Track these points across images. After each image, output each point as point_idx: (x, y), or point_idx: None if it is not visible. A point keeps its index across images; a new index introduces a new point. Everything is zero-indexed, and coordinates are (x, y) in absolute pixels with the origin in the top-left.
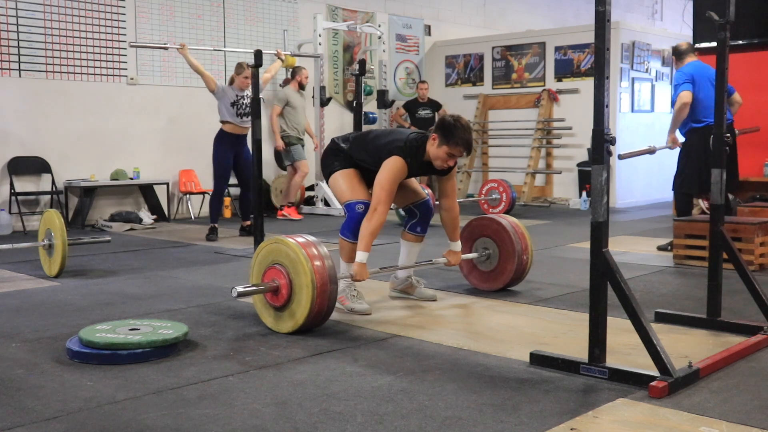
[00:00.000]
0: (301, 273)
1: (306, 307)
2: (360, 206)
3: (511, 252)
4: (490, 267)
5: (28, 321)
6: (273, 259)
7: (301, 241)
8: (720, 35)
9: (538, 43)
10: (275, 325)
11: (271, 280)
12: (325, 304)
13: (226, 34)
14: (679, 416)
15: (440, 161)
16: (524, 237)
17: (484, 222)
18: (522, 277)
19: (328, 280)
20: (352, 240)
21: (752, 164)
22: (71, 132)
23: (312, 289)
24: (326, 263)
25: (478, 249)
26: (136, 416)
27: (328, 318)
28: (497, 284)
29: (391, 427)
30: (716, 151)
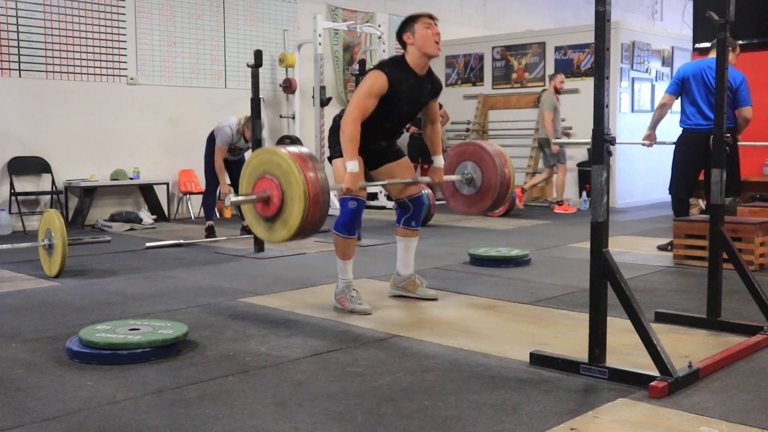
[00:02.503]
0: (294, 184)
1: (298, 217)
2: (353, 203)
3: (493, 170)
4: (473, 190)
5: (28, 321)
6: (264, 169)
7: (293, 151)
8: (720, 35)
9: (538, 43)
10: (268, 236)
11: (262, 191)
12: (318, 214)
13: (226, 34)
14: (679, 416)
15: (430, 42)
16: (503, 154)
17: (462, 147)
18: (506, 195)
19: (321, 191)
20: (346, 236)
21: (752, 164)
22: (71, 132)
23: (305, 200)
24: (319, 174)
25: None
26: (136, 416)
27: (320, 228)
28: (482, 206)
29: (391, 427)
30: (716, 152)
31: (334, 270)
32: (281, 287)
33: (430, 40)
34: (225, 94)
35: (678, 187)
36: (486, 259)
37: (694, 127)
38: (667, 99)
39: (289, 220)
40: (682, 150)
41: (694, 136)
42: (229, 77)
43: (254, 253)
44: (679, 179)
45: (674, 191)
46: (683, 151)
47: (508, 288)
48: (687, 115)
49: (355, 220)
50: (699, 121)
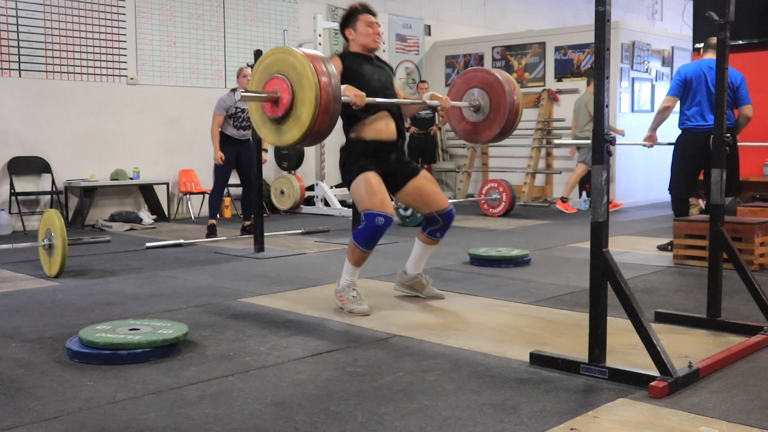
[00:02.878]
0: (306, 87)
1: (306, 123)
2: (380, 219)
3: (502, 96)
4: (481, 117)
5: (28, 321)
6: (278, 69)
7: (309, 53)
8: (720, 35)
9: (538, 43)
10: (278, 139)
11: (272, 91)
12: (326, 123)
13: (226, 34)
14: (679, 416)
15: (370, 37)
16: (511, 81)
17: (470, 74)
18: (514, 123)
19: (333, 99)
20: (365, 249)
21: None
22: (71, 132)
23: (315, 106)
24: (333, 81)
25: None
26: (136, 416)
27: (326, 136)
28: (490, 133)
29: (391, 427)
30: (716, 152)
31: (334, 270)
32: (281, 287)
33: (370, 38)
34: None
35: (678, 187)
36: (486, 259)
37: (695, 127)
38: (670, 101)
39: (301, 117)
40: (681, 150)
41: (696, 136)
42: (229, 77)
43: (254, 253)
44: (679, 179)
45: (674, 190)
46: (683, 151)
47: (508, 288)
48: (687, 116)
49: (378, 236)
50: (700, 122)
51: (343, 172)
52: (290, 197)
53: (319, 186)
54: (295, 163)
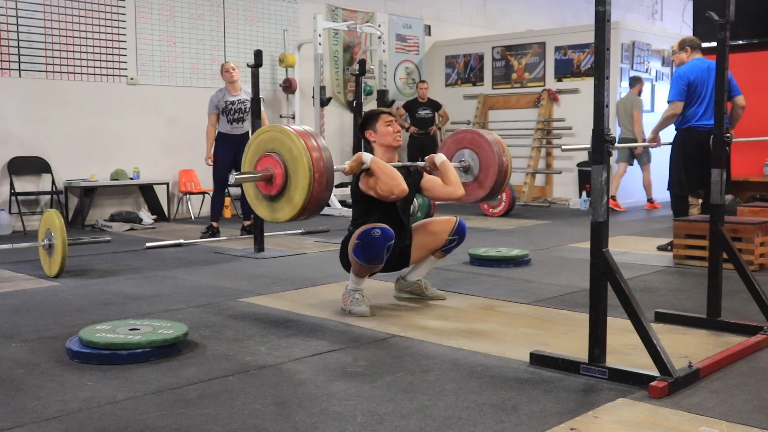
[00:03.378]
0: (300, 172)
1: (298, 206)
2: (376, 231)
3: (491, 158)
4: (470, 178)
5: (28, 321)
6: (272, 147)
7: (299, 130)
8: (720, 35)
9: (538, 43)
10: (272, 215)
11: (265, 169)
12: (318, 205)
13: (226, 34)
14: (679, 416)
15: (390, 136)
16: (501, 143)
17: (460, 135)
18: (503, 184)
19: (325, 186)
20: (365, 264)
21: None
22: (71, 132)
23: (308, 192)
24: (324, 155)
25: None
26: (136, 416)
27: (321, 209)
28: (479, 194)
29: (391, 427)
30: (716, 152)
31: (334, 270)
32: (281, 287)
33: (390, 137)
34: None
35: (680, 185)
36: (486, 259)
37: (699, 126)
38: (678, 108)
39: (293, 198)
40: (683, 148)
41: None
42: None
43: (254, 253)
44: (680, 177)
45: (675, 188)
46: (684, 149)
47: (508, 288)
48: (689, 115)
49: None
50: (706, 121)
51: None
52: None
53: None
54: None
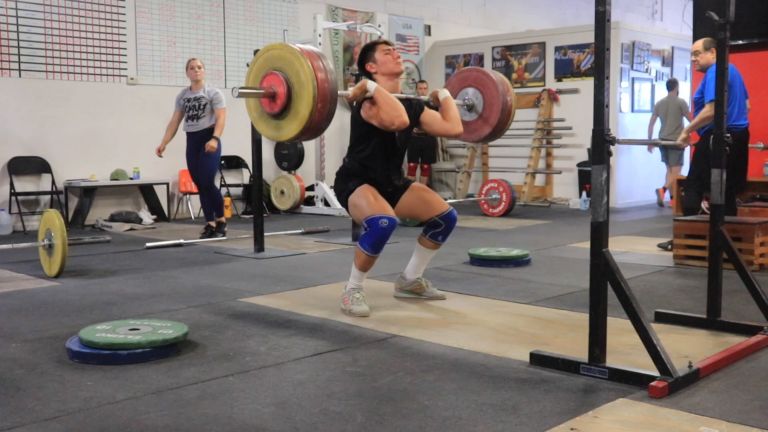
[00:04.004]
0: (303, 83)
1: (305, 118)
2: (384, 221)
3: (495, 97)
4: (473, 116)
5: (28, 321)
6: (274, 65)
7: (305, 49)
8: (720, 35)
9: (538, 43)
10: (276, 134)
11: (269, 86)
12: (325, 116)
13: (226, 34)
14: (679, 416)
15: (391, 63)
16: (506, 82)
17: (465, 73)
18: (506, 124)
19: (329, 94)
20: (371, 254)
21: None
22: (71, 132)
23: (313, 100)
24: (329, 76)
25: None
26: (136, 416)
27: (326, 128)
28: (481, 133)
29: (391, 427)
30: (716, 151)
31: (334, 270)
32: (281, 287)
33: (391, 64)
34: (225, 94)
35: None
36: (486, 259)
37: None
38: None
39: (299, 113)
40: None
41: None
42: (229, 77)
43: (254, 253)
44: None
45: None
46: None
47: (508, 288)
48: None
49: (384, 239)
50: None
51: (337, 191)
52: (290, 197)
53: (319, 186)
54: (295, 163)
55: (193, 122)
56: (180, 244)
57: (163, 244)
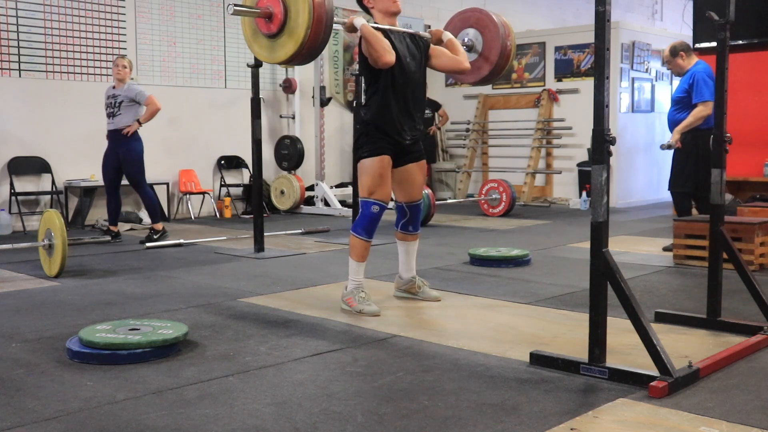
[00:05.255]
0: (301, 3)
1: (300, 36)
2: (375, 207)
3: (496, 39)
4: (473, 57)
5: (28, 321)
6: None
7: None
8: (720, 35)
9: (538, 43)
10: (271, 56)
11: (265, 7)
12: (320, 36)
13: (226, 34)
14: (679, 416)
15: (387, 2)
16: (507, 26)
17: (467, 14)
18: (504, 67)
19: (326, 12)
20: (365, 238)
21: (752, 164)
22: (71, 132)
23: (309, 18)
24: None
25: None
26: (136, 416)
27: (320, 51)
28: (478, 74)
29: (391, 427)
30: (716, 151)
31: (334, 270)
32: (281, 287)
33: (389, 1)
34: (225, 94)
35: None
36: (486, 259)
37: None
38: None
39: (295, 32)
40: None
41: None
42: (229, 77)
43: (254, 253)
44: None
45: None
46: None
47: (508, 288)
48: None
49: (375, 223)
50: None
51: (355, 146)
52: (290, 197)
53: (319, 186)
54: (295, 163)
55: (111, 120)
56: (180, 244)
57: (163, 244)
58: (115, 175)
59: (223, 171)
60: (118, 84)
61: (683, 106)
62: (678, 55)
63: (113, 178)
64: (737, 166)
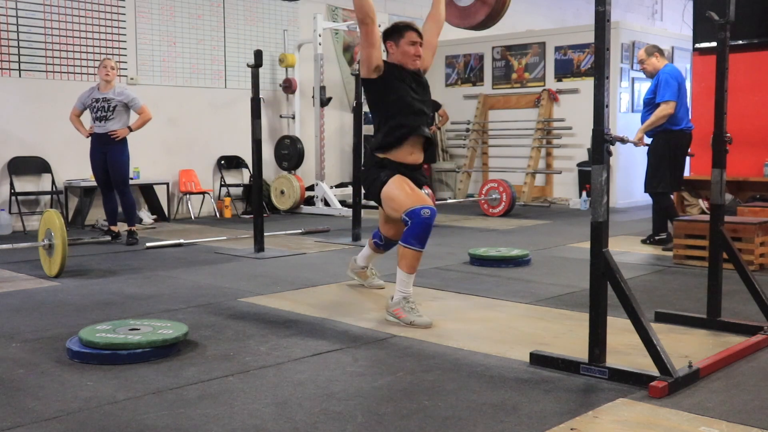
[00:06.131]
0: None
1: None
2: (425, 211)
3: None
4: (468, 2)
5: (28, 321)
6: None
7: None
8: (720, 35)
9: (538, 43)
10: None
11: None
12: None
13: (226, 34)
14: (679, 416)
15: (410, 57)
16: None
17: None
18: (501, 13)
19: None
20: (418, 248)
21: (752, 164)
22: (71, 132)
23: None
24: None
25: None
26: (136, 416)
27: None
28: (474, 19)
29: (391, 427)
30: (716, 151)
31: (334, 270)
32: (281, 287)
33: (409, 58)
34: (225, 94)
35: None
36: (486, 259)
37: (686, 129)
38: (673, 107)
39: None
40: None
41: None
42: (229, 77)
43: (254, 253)
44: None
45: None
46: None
47: (508, 288)
48: (678, 118)
49: (428, 230)
50: (688, 124)
51: (368, 183)
52: (290, 197)
53: (319, 186)
54: (295, 163)
55: (101, 123)
56: (180, 244)
57: (163, 244)
58: (107, 176)
59: (223, 171)
60: (106, 86)
61: (652, 107)
62: (653, 55)
63: (106, 180)
64: (737, 166)
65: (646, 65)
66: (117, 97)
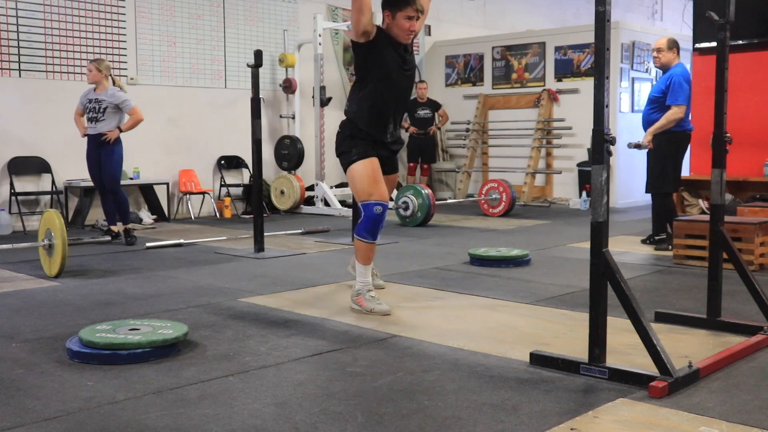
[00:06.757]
0: None
1: None
2: (378, 207)
3: None
4: None
5: (28, 321)
6: None
7: None
8: (720, 35)
9: (538, 43)
10: None
11: None
12: None
13: (226, 34)
14: (679, 416)
15: (404, 31)
16: None
17: None
18: None
19: None
20: (370, 240)
21: (752, 164)
22: (71, 132)
23: None
24: None
25: None
26: (136, 416)
27: None
28: None
29: (391, 427)
30: (716, 151)
31: (334, 270)
32: (281, 287)
33: (403, 32)
34: (225, 94)
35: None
36: (486, 259)
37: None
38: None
39: None
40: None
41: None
42: (229, 77)
43: (254, 253)
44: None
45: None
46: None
47: (508, 288)
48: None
49: (379, 224)
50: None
51: (339, 150)
52: (290, 197)
53: (319, 186)
54: (295, 163)
55: (93, 124)
56: (180, 244)
57: (163, 244)
58: (102, 177)
59: (223, 171)
60: (99, 87)
61: (659, 106)
62: (672, 50)
63: (101, 180)
64: (737, 166)
65: (661, 56)
66: (108, 98)
